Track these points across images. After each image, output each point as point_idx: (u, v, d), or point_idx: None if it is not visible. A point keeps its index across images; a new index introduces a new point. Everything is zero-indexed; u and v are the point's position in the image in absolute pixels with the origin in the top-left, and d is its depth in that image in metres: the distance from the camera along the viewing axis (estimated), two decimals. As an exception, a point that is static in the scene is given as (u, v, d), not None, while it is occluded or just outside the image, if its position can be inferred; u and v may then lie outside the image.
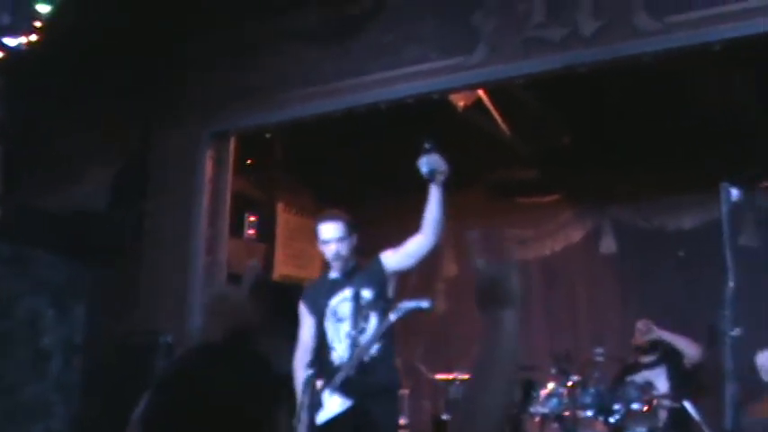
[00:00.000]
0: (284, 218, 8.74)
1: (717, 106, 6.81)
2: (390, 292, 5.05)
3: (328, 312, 5.03)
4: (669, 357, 6.92)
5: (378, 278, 5.01)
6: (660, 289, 7.74)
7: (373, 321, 4.90)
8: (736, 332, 3.50)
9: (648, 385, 6.39)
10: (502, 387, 2.03)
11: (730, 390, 3.46)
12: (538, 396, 6.42)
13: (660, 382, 6.68)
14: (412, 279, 8.79)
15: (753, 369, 4.41)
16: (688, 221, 7.79)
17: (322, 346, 5.01)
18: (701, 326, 6.06)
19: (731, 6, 5.18)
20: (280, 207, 8.67)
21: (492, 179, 8.59)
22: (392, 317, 4.86)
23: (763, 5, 5.10)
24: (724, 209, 3.74)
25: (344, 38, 6.37)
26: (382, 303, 4.91)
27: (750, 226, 6.83)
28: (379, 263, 5.06)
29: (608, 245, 8.36)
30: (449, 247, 8.95)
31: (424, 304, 4.84)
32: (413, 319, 5.15)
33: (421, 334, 8.04)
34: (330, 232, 5.06)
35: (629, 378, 6.66)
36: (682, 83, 6.59)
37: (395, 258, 5.03)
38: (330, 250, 5.04)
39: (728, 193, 3.81)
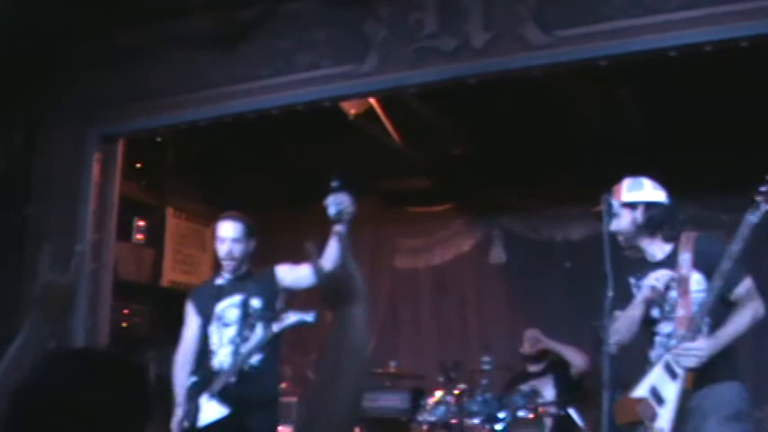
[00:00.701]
0: (174, 223, 8.61)
1: (603, 120, 6.97)
2: (279, 303, 5.02)
3: (214, 316, 4.99)
4: (556, 367, 7.04)
5: (269, 289, 5.01)
6: (548, 299, 7.89)
7: (259, 331, 4.87)
8: (614, 341, 3.57)
9: (534, 393, 6.50)
10: (348, 389, 2.00)
11: (606, 397, 3.53)
12: (425, 404, 6.46)
13: (547, 390, 6.78)
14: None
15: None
16: (576, 233, 7.95)
17: (204, 349, 4.96)
18: (587, 335, 6.18)
19: (619, 23, 5.28)
20: (169, 212, 8.53)
21: (384, 188, 8.61)
22: (275, 328, 4.87)
23: (650, 24, 5.23)
24: (605, 220, 3.82)
25: (236, 43, 6.30)
26: (269, 314, 4.89)
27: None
28: (272, 275, 5.05)
29: (497, 255, 8.47)
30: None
31: (309, 318, 4.87)
32: (304, 327, 5.15)
33: (312, 342, 7.98)
34: (228, 230, 5.06)
35: (517, 386, 6.75)
36: (571, 96, 6.73)
37: (289, 276, 5.04)
38: (224, 248, 5.03)
39: (609, 205, 3.89)
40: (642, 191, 4.36)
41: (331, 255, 4.61)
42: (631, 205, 4.31)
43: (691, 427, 3.97)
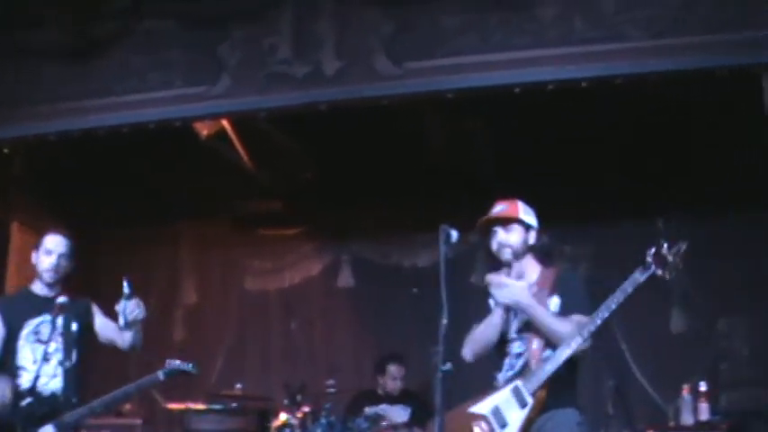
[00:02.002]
0: (19, 237, 8.35)
1: (452, 150, 7.16)
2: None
3: (27, 329, 4.89)
4: (411, 398, 7.12)
5: (83, 319, 4.98)
6: (394, 323, 7.99)
7: (73, 356, 4.84)
8: (447, 367, 3.67)
9: (378, 416, 6.57)
10: None
11: (437, 422, 3.62)
12: (270, 427, 6.46)
13: (397, 414, 6.85)
14: (150, 308, 8.72)
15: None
16: (423, 259, 8.09)
17: (10, 363, 4.85)
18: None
19: (467, 58, 5.48)
20: (15, 226, 8.27)
21: (235, 209, 8.60)
22: (161, 375, 4.99)
23: (496, 60, 5.45)
24: (442, 249, 3.93)
25: (90, 58, 6.21)
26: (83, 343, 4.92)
27: (483, 266, 7.20)
28: (88, 309, 5.06)
29: (346, 279, 8.54)
30: (189, 275, 8.89)
31: (189, 368, 5.08)
32: (149, 346, 5.13)
33: (158, 362, 7.87)
34: (58, 244, 4.99)
35: (367, 409, 6.79)
36: (421, 125, 6.89)
37: (98, 322, 5.05)
38: (50, 261, 4.94)
39: (447, 235, 4.00)
40: (533, 217, 4.52)
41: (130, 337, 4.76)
42: (527, 226, 4.46)
43: None
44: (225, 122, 6.87)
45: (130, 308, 4.66)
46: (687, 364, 7.36)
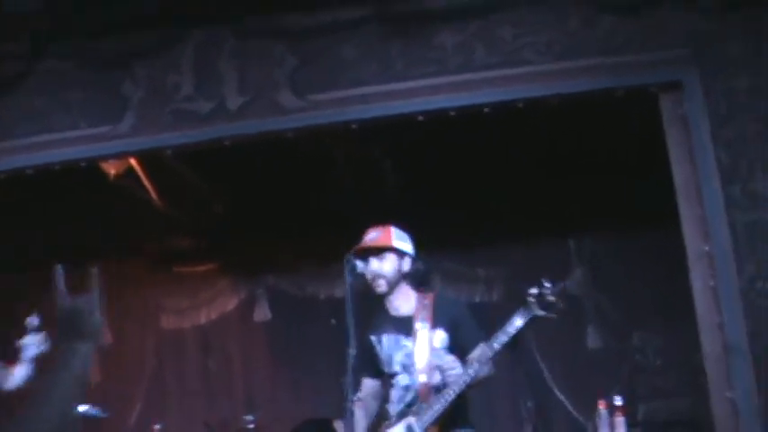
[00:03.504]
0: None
1: (361, 179, 7.19)
2: None
3: None
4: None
5: None
6: (312, 355, 7.96)
7: None
8: (356, 398, 3.69)
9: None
10: (55, 422, 2.00)
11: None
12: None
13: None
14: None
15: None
16: (339, 290, 8.07)
17: None
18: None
19: (369, 89, 5.52)
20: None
21: (148, 248, 8.50)
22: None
23: (398, 90, 5.49)
24: (348, 280, 3.94)
25: (-8, 100, 6.10)
26: None
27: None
28: None
29: (262, 313, 8.50)
30: (104, 316, 8.72)
31: (98, 413, 4.91)
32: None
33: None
34: None
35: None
36: (329, 156, 6.91)
37: None
38: None
39: (353, 266, 4.02)
40: (408, 243, 4.50)
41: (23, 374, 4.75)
42: (400, 253, 4.44)
43: None
44: (132, 161, 6.81)
45: (37, 339, 4.57)
46: (604, 380, 7.47)
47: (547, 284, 4.15)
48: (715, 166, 5.25)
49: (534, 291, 4.11)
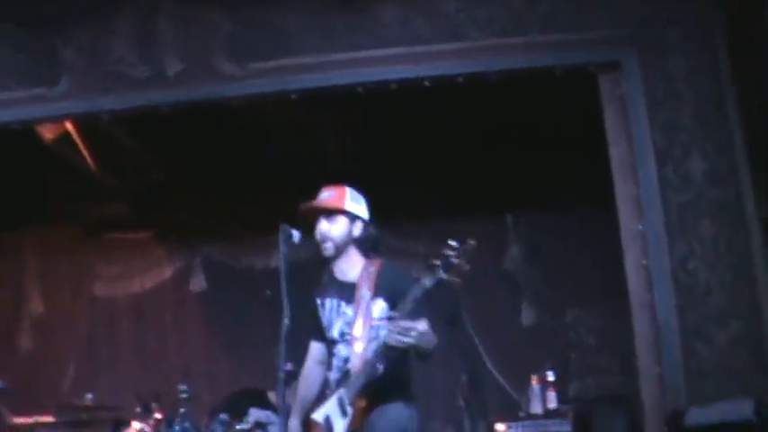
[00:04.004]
0: None
1: (300, 148, 7.15)
2: None
3: None
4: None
5: None
6: (246, 326, 7.93)
7: None
8: (287, 367, 3.67)
9: (232, 422, 6.51)
10: None
11: (280, 422, 3.63)
12: (122, 435, 6.34)
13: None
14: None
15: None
16: (275, 260, 8.04)
17: None
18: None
19: (310, 59, 5.50)
20: None
21: (82, 214, 8.38)
22: None
23: (339, 60, 5.48)
24: (282, 249, 3.91)
25: None
26: None
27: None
28: None
29: (198, 283, 8.45)
30: (36, 282, 8.62)
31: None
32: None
33: (4, 373, 7.62)
34: None
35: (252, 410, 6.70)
36: (268, 124, 6.86)
37: None
38: None
39: (288, 235, 3.99)
40: (362, 207, 4.37)
41: None
42: (352, 216, 4.34)
43: None
44: (68, 125, 6.70)
45: None
46: (538, 356, 7.55)
47: (452, 244, 3.92)
48: (651, 146, 5.34)
49: (444, 254, 3.99)
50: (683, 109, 5.44)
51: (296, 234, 4.07)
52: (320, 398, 4.24)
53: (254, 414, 6.58)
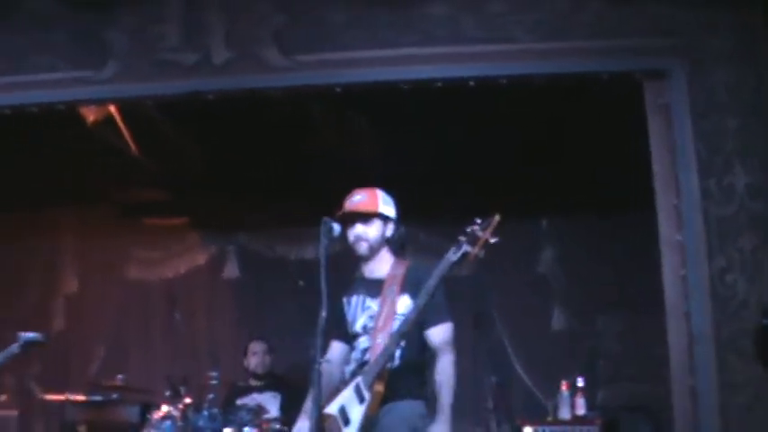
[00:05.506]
0: None
1: (340, 144, 7.17)
2: None
3: None
4: (279, 383, 7.15)
5: None
6: (277, 315, 7.99)
7: None
8: (324, 360, 3.70)
9: (261, 409, 6.57)
10: None
11: (314, 415, 3.65)
12: (151, 419, 6.39)
13: (271, 405, 6.88)
14: (29, 296, 8.52)
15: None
16: (310, 251, 8.10)
17: None
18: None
19: (356, 53, 5.51)
20: None
21: (120, 198, 8.44)
22: (15, 348, 4.90)
23: (385, 57, 5.49)
24: (323, 242, 3.93)
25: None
26: None
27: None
28: None
29: (231, 270, 8.50)
30: (71, 262, 8.70)
31: (40, 338, 5.01)
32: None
33: (35, 354, 7.70)
34: None
35: (239, 401, 6.79)
36: (311, 119, 6.89)
37: None
38: None
39: (329, 228, 4.01)
40: (392, 208, 4.49)
41: None
42: (384, 218, 4.44)
43: None
44: (112, 109, 6.75)
45: None
46: (566, 361, 7.56)
47: (478, 221, 4.11)
48: (694, 157, 5.30)
49: (468, 229, 4.10)
50: (727, 120, 5.39)
51: (337, 228, 4.11)
52: (333, 394, 4.27)
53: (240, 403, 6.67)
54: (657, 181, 5.37)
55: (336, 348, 4.48)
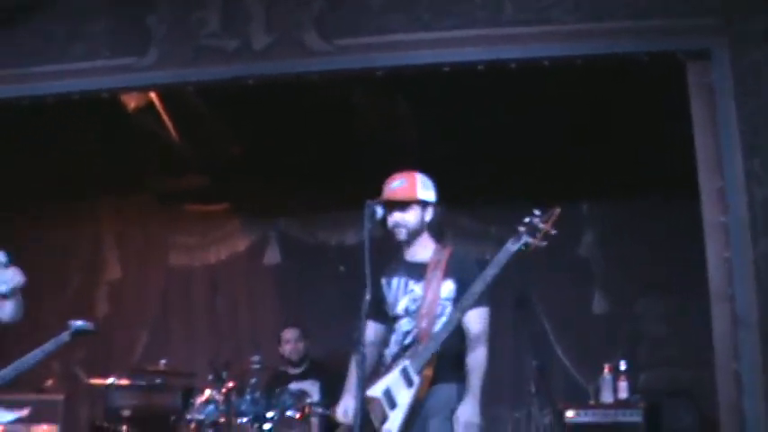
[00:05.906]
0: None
1: (382, 129, 7.17)
2: None
3: None
4: (318, 370, 7.17)
5: None
6: (317, 300, 8.01)
7: None
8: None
9: (303, 393, 6.60)
10: None
11: (358, 397, 3.66)
12: (194, 403, 6.44)
13: (312, 392, 6.90)
14: (73, 283, 8.62)
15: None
16: (350, 237, 8.11)
17: None
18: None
19: (396, 36, 5.51)
20: None
21: (160, 184, 8.50)
22: (66, 336, 4.97)
23: (426, 39, 5.48)
24: (367, 226, 3.94)
25: (10, 27, 6.08)
26: None
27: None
28: None
29: (272, 256, 8.52)
30: (113, 249, 8.78)
31: (91, 327, 5.14)
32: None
33: (80, 339, 7.78)
34: None
35: (278, 387, 6.82)
36: (352, 104, 6.89)
37: None
38: None
39: (373, 212, 4.02)
40: (432, 191, 4.46)
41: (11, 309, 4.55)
42: (423, 203, 4.42)
43: (416, 428, 4.13)
44: (153, 95, 6.80)
45: (9, 275, 4.53)
46: (608, 345, 7.52)
47: (537, 212, 4.12)
48: (738, 138, 5.23)
49: (526, 219, 4.11)
50: (771, 100, 5.32)
51: (380, 211, 4.11)
52: (372, 376, 4.28)
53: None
54: (700, 162, 5.31)
55: (372, 328, 4.47)
